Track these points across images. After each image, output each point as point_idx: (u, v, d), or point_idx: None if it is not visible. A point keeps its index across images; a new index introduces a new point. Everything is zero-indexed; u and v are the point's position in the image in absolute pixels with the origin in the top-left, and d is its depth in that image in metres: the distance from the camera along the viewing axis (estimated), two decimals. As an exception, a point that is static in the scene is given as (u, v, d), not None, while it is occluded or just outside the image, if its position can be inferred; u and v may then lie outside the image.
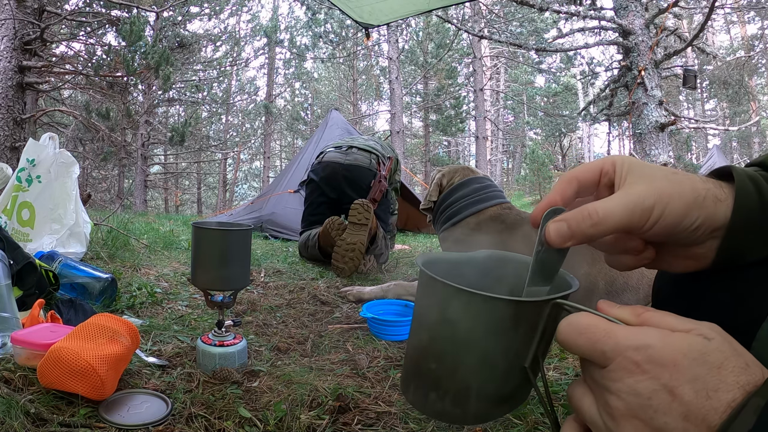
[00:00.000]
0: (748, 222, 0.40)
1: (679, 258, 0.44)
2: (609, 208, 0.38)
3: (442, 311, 0.41)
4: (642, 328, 0.34)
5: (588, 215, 0.39)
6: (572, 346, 0.35)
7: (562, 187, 0.43)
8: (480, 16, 12.70)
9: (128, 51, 7.54)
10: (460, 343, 0.41)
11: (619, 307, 0.36)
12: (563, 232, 0.40)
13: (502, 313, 0.39)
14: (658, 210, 0.38)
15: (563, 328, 0.36)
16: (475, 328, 0.40)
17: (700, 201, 0.39)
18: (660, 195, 0.38)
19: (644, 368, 0.31)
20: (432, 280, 0.42)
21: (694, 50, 8.85)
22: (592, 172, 0.43)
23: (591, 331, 0.34)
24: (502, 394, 0.42)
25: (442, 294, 0.41)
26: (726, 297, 0.43)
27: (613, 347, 0.32)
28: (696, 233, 0.40)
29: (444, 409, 0.42)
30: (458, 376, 0.41)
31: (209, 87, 16.62)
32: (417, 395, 0.45)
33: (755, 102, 18.38)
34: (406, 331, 1.35)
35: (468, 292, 0.40)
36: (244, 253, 1.06)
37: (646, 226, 0.39)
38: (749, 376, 0.30)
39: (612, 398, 0.32)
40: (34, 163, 1.98)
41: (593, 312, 0.36)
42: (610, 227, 0.38)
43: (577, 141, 28.73)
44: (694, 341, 0.32)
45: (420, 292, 0.46)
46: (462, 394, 0.41)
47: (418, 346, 0.44)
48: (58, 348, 0.83)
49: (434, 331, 0.42)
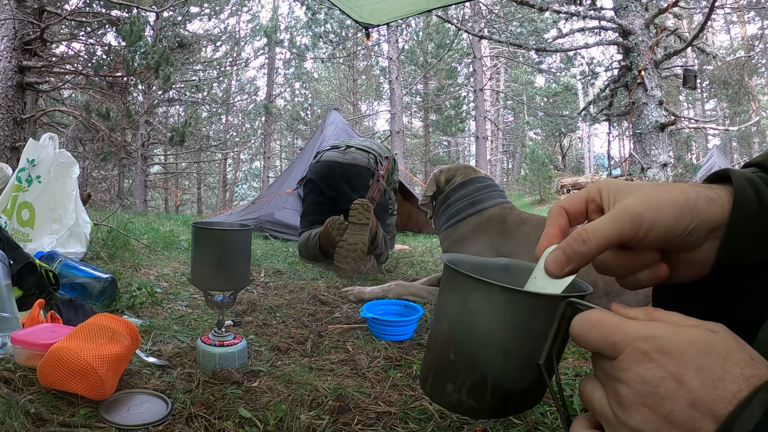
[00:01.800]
0: (748, 223, 0.40)
1: (680, 266, 0.44)
2: (597, 223, 0.40)
3: (462, 302, 0.44)
4: (650, 322, 0.35)
5: (578, 235, 0.40)
6: (585, 339, 0.36)
7: (555, 220, 0.45)
8: (480, 16, 12.70)
9: (128, 51, 7.53)
10: (478, 334, 0.43)
11: (631, 308, 0.38)
12: (560, 259, 0.41)
13: (519, 305, 0.41)
14: (649, 216, 0.39)
15: (576, 322, 0.37)
16: (494, 319, 0.42)
17: (692, 203, 0.39)
18: (648, 202, 0.39)
19: (652, 357, 0.32)
20: (455, 273, 0.45)
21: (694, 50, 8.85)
22: (578, 201, 0.44)
23: (603, 324, 0.35)
24: (517, 389, 0.43)
25: (464, 286, 0.44)
26: (725, 299, 0.43)
27: (624, 338, 0.34)
28: (692, 236, 0.40)
29: (460, 400, 0.44)
30: (475, 366, 0.43)
31: (209, 87, 16.61)
32: (435, 387, 0.47)
33: (755, 102, 18.38)
34: (406, 331, 1.35)
35: (488, 283, 0.42)
36: (244, 253, 1.06)
37: (640, 234, 0.39)
38: (754, 369, 0.31)
39: (621, 387, 0.33)
40: (34, 163, 1.98)
41: (605, 310, 0.37)
42: (602, 242, 0.40)
43: (577, 141, 28.73)
44: (700, 333, 0.33)
45: (443, 287, 0.49)
46: (478, 385, 0.43)
47: (438, 338, 0.47)
48: (58, 348, 0.83)
49: (455, 321, 0.45)
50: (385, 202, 2.73)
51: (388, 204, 2.79)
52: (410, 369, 1.11)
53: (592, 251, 0.40)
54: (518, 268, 0.56)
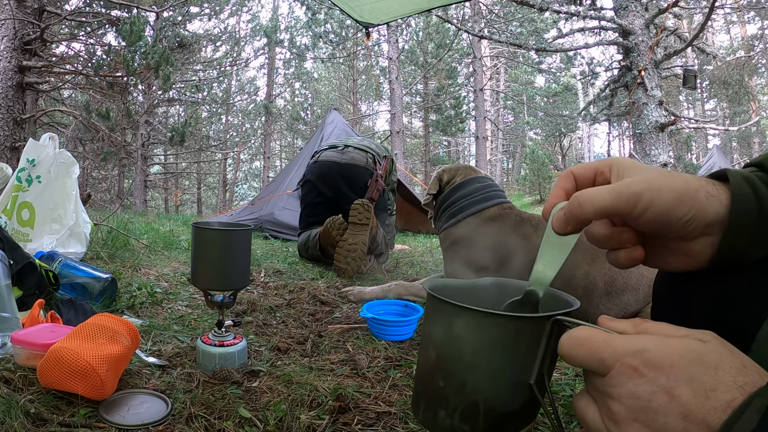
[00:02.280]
0: (744, 222, 0.40)
1: (675, 254, 0.44)
2: (596, 190, 0.41)
3: (447, 329, 0.44)
4: (638, 335, 0.35)
5: (575, 198, 0.41)
6: (574, 358, 0.36)
7: (562, 183, 0.46)
8: (480, 16, 12.70)
9: (128, 51, 7.53)
10: (466, 359, 0.43)
11: (619, 321, 0.38)
12: (561, 218, 0.43)
13: (505, 328, 0.41)
14: (647, 197, 0.39)
15: (564, 341, 0.37)
16: (481, 344, 0.42)
17: (692, 193, 0.40)
18: (650, 184, 0.39)
19: (642, 372, 0.32)
20: (438, 301, 0.45)
21: (694, 50, 8.85)
22: (587, 170, 0.46)
23: (590, 341, 0.35)
24: (509, 410, 0.43)
25: (447, 313, 0.44)
26: (725, 298, 0.43)
27: (612, 354, 0.34)
28: (688, 226, 0.40)
29: (453, 426, 0.44)
30: (466, 391, 0.43)
31: (209, 87, 16.60)
32: (427, 414, 0.46)
33: (755, 102, 18.38)
34: (406, 331, 1.35)
35: (471, 309, 0.42)
36: (244, 253, 1.06)
37: (635, 212, 0.40)
38: (747, 376, 0.31)
39: (614, 404, 0.33)
40: (34, 163, 1.98)
41: (593, 326, 0.37)
42: (597, 208, 0.40)
43: (577, 141, 28.73)
44: (689, 344, 0.33)
45: (427, 315, 0.49)
46: (470, 410, 0.43)
47: (426, 365, 0.46)
48: (58, 348, 0.83)
49: (441, 349, 0.45)
50: (383, 203, 2.72)
51: (387, 204, 2.79)
52: (410, 369, 1.11)
53: (587, 215, 0.41)
54: (505, 285, 0.56)
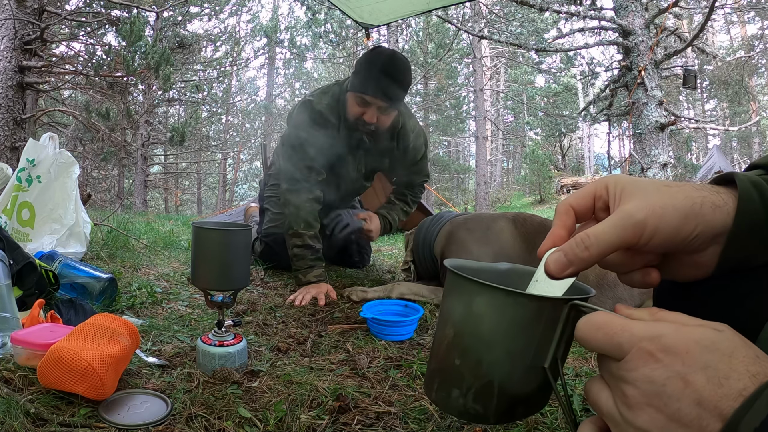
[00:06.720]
0: (752, 227, 0.40)
1: (683, 267, 0.44)
2: (600, 229, 0.40)
3: (467, 307, 0.44)
4: (655, 322, 0.35)
5: (581, 241, 0.40)
6: (591, 341, 0.36)
7: (561, 220, 0.44)
8: (480, 16, 12.70)
9: (128, 51, 7.52)
10: (483, 338, 0.43)
11: (635, 309, 0.38)
12: (561, 261, 0.41)
13: (525, 309, 0.41)
14: (652, 224, 0.39)
15: (582, 325, 0.37)
16: (499, 323, 0.42)
17: (696, 209, 0.39)
18: (652, 209, 0.39)
19: (658, 357, 0.32)
20: (459, 279, 0.45)
21: (694, 50, 8.85)
22: (585, 198, 0.44)
23: (608, 326, 0.35)
24: (522, 393, 0.43)
25: (468, 290, 0.44)
26: (727, 299, 0.43)
27: (629, 338, 0.34)
28: (696, 242, 0.40)
29: (466, 406, 0.44)
30: (481, 371, 0.43)
31: (209, 87, 16.59)
32: (440, 393, 0.46)
33: (755, 102, 18.38)
34: (406, 331, 1.35)
35: (493, 287, 0.42)
36: (244, 253, 1.06)
37: (642, 241, 0.39)
38: (759, 366, 0.31)
39: (628, 388, 0.33)
40: (34, 163, 1.98)
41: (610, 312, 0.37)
42: (604, 248, 0.40)
43: (577, 141, 28.72)
44: (705, 331, 0.33)
45: (446, 291, 0.48)
46: (484, 390, 0.43)
47: (442, 343, 0.46)
48: (58, 348, 0.83)
49: (459, 326, 0.44)
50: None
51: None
52: (410, 369, 1.11)
53: (593, 257, 0.40)
54: (520, 272, 0.56)
